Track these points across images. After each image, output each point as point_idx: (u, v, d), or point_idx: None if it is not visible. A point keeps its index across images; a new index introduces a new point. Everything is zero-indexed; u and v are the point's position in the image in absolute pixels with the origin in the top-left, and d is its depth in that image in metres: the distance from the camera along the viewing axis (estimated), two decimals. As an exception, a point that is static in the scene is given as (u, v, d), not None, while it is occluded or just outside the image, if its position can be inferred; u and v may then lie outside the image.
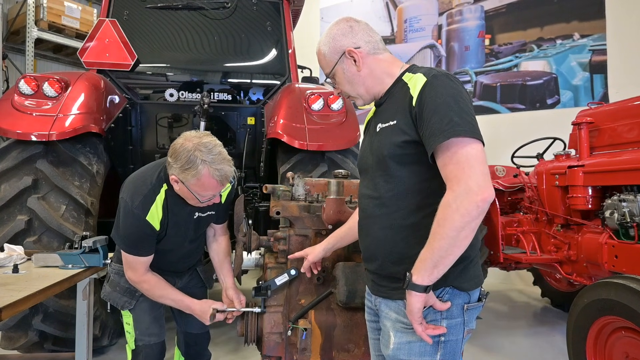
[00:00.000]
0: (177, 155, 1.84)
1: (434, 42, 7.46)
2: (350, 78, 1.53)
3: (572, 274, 3.80)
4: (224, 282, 2.24)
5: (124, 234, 1.99)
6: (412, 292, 1.30)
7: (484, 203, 1.23)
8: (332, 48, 1.52)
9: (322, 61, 1.57)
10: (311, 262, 1.93)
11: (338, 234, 1.89)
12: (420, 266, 1.29)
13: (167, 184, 1.99)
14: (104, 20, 3.96)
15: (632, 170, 3.13)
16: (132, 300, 2.18)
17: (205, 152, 1.81)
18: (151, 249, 2.03)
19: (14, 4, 6.41)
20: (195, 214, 2.10)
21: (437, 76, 1.37)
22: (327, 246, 1.90)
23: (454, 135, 1.26)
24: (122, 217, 1.98)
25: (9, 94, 3.27)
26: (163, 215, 1.99)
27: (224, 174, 1.86)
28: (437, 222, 1.27)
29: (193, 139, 1.85)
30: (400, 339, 1.41)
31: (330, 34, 1.54)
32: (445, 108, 1.29)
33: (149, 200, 1.95)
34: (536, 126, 5.63)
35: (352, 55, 1.50)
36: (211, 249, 2.32)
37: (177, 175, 1.87)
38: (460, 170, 1.25)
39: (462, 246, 1.27)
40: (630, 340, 2.41)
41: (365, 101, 1.57)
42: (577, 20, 6.14)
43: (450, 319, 1.38)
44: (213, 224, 2.28)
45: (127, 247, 2.01)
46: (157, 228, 1.99)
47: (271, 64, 4.30)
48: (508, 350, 3.85)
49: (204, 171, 1.81)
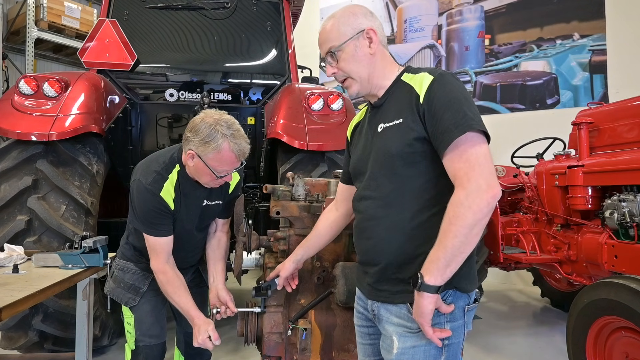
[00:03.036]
0: (197, 129, 1.89)
1: (433, 42, 7.47)
2: (360, 58, 1.47)
3: (572, 274, 3.80)
4: (215, 282, 2.19)
5: (141, 214, 2.00)
6: (423, 294, 1.28)
7: (494, 200, 1.24)
8: (351, 23, 1.47)
9: (332, 33, 1.48)
10: (284, 277, 1.91)
11: (305, 244, 1.88)
12: (433, 267, 1.27)
13: (179, 165, 2.03)
14: (104, 20, 3.96)
15: (632, 170, 3.13)
16: (136, 297, 2.18)
17: (225, 127, 1.88)
18: (169, 228, 2.04)
19: (14, 4, 6.41)
20: (204, 201, 2.13)
21: (444, 75, 1.38)
22: (297, 258, 1.89)
23: (469, 129, 1.27)
24: (136, 197, 2.00)
25: (9, 94, 3.27)
26: (175, 194, 2.01)
27: (242, 150, 1.93)
28: (449, 220, 1.26)
29: (214, 115, 1.92)
30: (404, 343, 1.39)
31: (352, 11, 1.50)
32: (458, 104, 1.30)
33: (162, 178, 1.99)
34: (536, 126, 5.63)
35: (370, 36, 1.47)
36: (209, 244, 2.30)
37: (195, 150, 1.90)
38: (470, 168, 1.25)
39: (473, 244, 1.27)
40: (630, 340, 2.41)
41: (361, 89, 1.52)
42: (577, 20, 6.14)
43: (453, 321, 1.37)
44: (217, 218, 2.29)
45: (146, 226, 2.01)
46: (172, 207, 2.01)
47: (271, 64, 4.30)
48: (508, 350, 3.85)
49: (224, 145, 1.87)
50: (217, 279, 2.20)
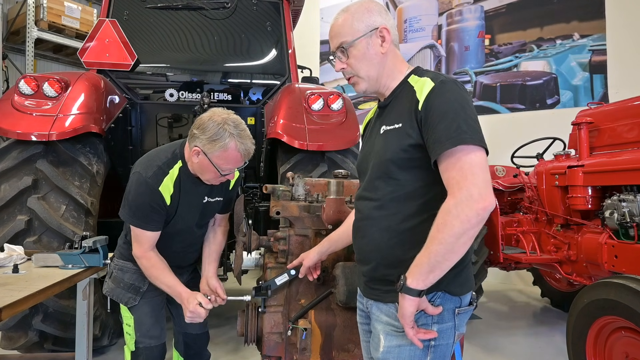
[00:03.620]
0: (205, 127, 1.92)
1: (433, 42, 7.47)
2: (371, 56, 1.46)
3: (572, 274, 3.80)
4: (206, 270, 2.22)
5: (134, 205, 2.01)
6: (405, 296, 1.29)
7: (485, 211, 1.22)
8: (365, 19, 1.45)
9: (344, 28, 1.46)
10: (307, 266, 1.93)
11: (332, 237, 1.89)
12: (416, 270, 1.28)
13: (181, 162, 2.05)
14: (104, 20, 3.96)
15: (632, 170, 3.13)
16: (136, 297, 2.18)
17: (233, 126, 1.92)
18: (159, 224, 2.05)
19: (14, 4, 6.41)
20: (205, 198, 2.14)
21: (444, 82, 1.36)
22: (322, 249, 1.90)
23: (461, 143, 1.25)
24: (133, 188, 2.02)
25: (9, 94, 3.27)
26: (174, 190, 2.03)
27: (247, 150, 1.96)
28: (437, 227, 1.26)
29: (222, 114, 1.96)
30: (390, 342, 1.40)
31: (368, 7, 1.48)
32: (453, 115, 1.28)
33: (163, 172, 2.01)
34: (536, 126, 5.63)
35: (383, 35, 1.46)
36: (206, 237, 2.33)
37: (201, 147, 1.93)
38: (463, 177, 1.24)
39: (460, 253, 1.26)
40: (630, 340, 2.41)
41: (369, 87, 1.51)
42: (577, 20, 6.14)
43: (441, 323, 1.38)
44: (217, 213, 2.31)
45: (135, 219, 2.03)
46: (168, 202, 2.02)
47: (271, 64, 4.30)
48: (508, 350, 3.85)
49: (231, 144, 1.91)
50: (208, 268, 2.23)
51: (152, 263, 2.07)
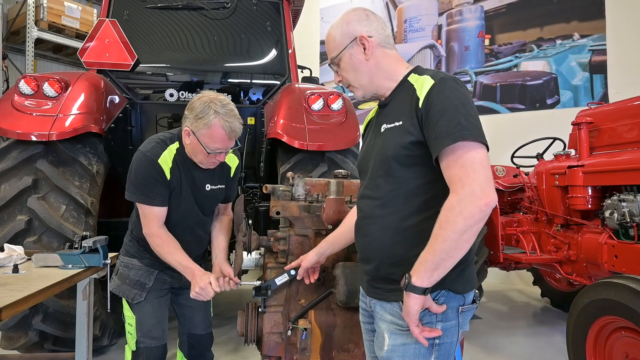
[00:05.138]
0: (193, 107, 2.00)
1: (433, 42, 7.47)
2: (356, 65, 1.50)
3: (572, 274, 3.80)
4: (218, 258, 2.22)
5: (136, 180, 2.06)
6: (410, 294, 1.30)
7: (487, 207, 1.23)
8: (345, 32, 1.50)
9: (331, 44, 1.54)
10: (305, 268, 1.92)
11: (330, 239, 1.88)
12: (421, 268, 1.29)
13: (179, 143, 2.11)
14: (104, 20, 3.96)
15: (632, 170, 3.13)
16: (142, 293, 2.19)
17: (219, 105, 1.97)
18: (163, 198, 2.07)
19: (14, 4, 6.41)
20: (207, 185, 2.19)
21: (445, 79, 1.36)
22: (320, 251, 1.90)
23: (461, 139, 1.26)
24: (134, 164, 2.07)
25: (9, 94, 3.27)
26: (173, 165, 2.08)
27: (233, 128, 1.98)
28: (440, 224, 1.26)
29: (210, 94, 2.02)
30: (394, 341, 1.41)
31: (346, 19, 1.52)
32: (453, 111, 1.29)
33: (161, 146, 2.08)
34: (536, 126, 5.63)
35: (362, 43, 1.48)
36: (212, 226, 2.36)
37: (190, 126, 1.99)
38: (465, 174, 1.25)
39: (463, 249, 1.27)
40: (630, 340, 2.42)
41: (365, 93, 1.55)
42: (577, 20, 6.14)
43: (446, 321, 1.38)
44: (220, 203, 2.34)
45: (139, 194, 2.06)
46: (168, 176, 2.06)
47: (271, 64, 4.30)
48: (508, 350, 3.85)
49: (215, 121, 1.94)
50: (219, 255, 2.24)
51: (164, 240, 2.08)
